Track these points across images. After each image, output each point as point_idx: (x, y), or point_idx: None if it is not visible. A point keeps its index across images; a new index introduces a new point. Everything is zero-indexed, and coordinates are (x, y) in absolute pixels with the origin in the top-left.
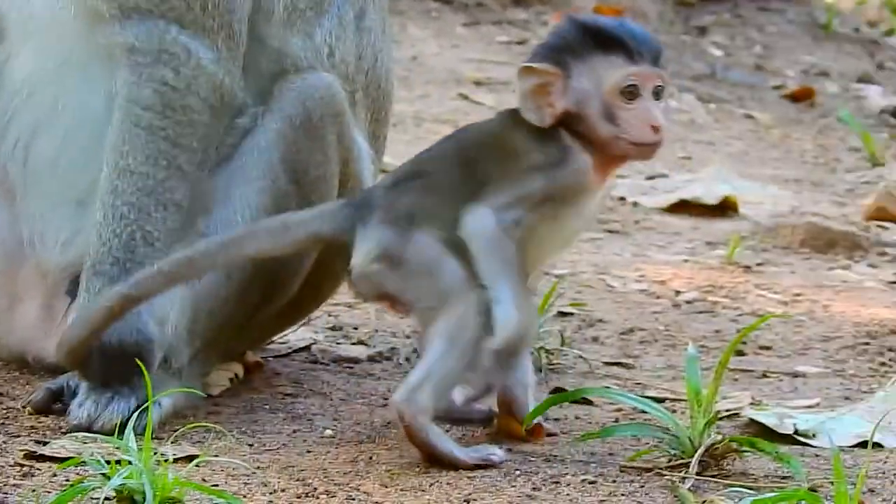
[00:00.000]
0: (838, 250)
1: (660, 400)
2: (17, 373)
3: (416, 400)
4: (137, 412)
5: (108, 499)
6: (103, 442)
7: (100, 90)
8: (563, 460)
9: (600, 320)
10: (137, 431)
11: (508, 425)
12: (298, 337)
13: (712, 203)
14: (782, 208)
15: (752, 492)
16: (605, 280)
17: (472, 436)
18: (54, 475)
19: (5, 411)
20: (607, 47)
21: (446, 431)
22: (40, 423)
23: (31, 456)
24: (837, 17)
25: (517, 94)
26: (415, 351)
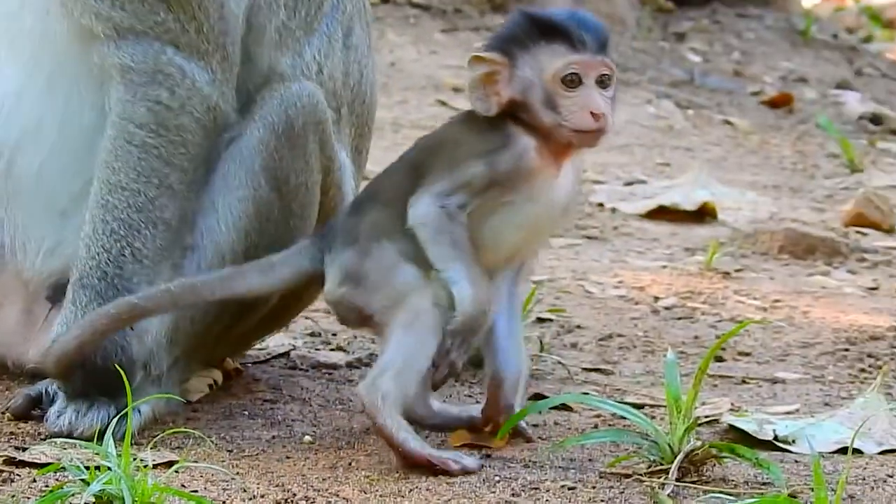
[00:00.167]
0: (817, 256)
1: (639, 406)
2: None
3: (377, 385)
4: (117, 418)
5: None
6: (83, 448)
7: (88, 105)
8: (542, 466)
9: (579, 326)
10: (117, 437)
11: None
12: (277, 343)
13: (691, 209)
14: (761, 214)
15: (731, 498)
16: (584, 286)
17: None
18: (34, 481)
19: None
20: (550, 36)
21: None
22: (19, 429)
23: (11, 462)
24: (816, 23)
25: (467, 83)
26: None
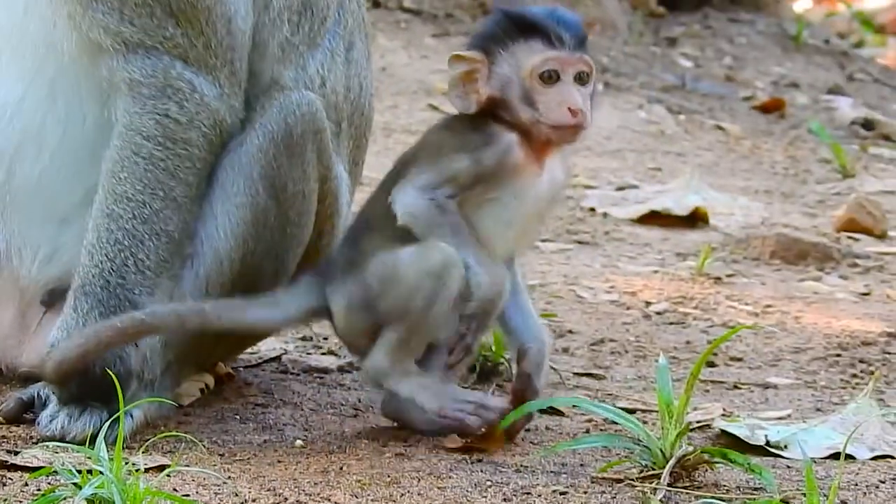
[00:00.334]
0: (809, 262)
1: (631, 411)
2: None
3: (374, 359)
4: (109, 422)
5: None
6: (75, 452)
7: (90, 115)
8: (534, 471)
9: (570, 331)
10: (109, 441)
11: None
12: (269, 347)
13: (683, 214)
14: (753, 219)
15: (723, 503)
16: (576, 291)
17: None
18: (26, 485)
19: None
20: (528, 33)
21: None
22: (11, 432)
23: (3, 465)
24: (807, 28)
25: (447, 82)
26: None
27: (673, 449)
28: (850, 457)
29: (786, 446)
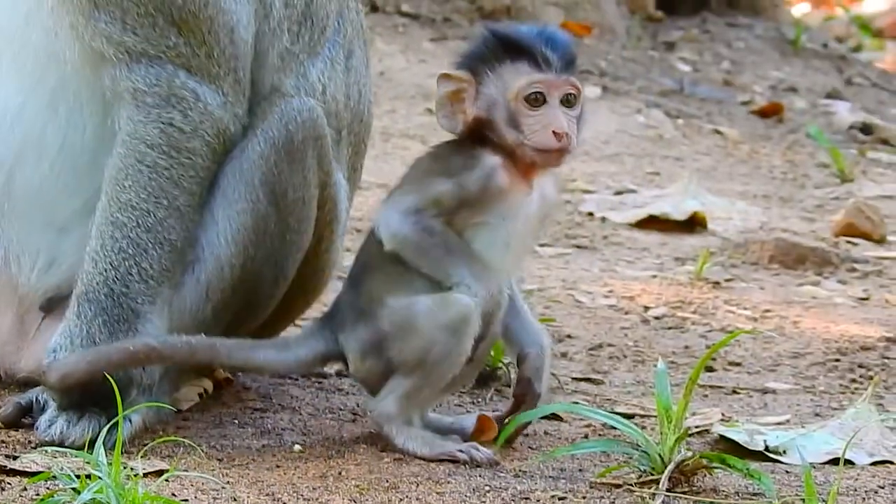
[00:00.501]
0: (808, 266)
1: (629, 416)
2: None
3: (383, 406)
4: (107, 427)
5: None
6: (73, 456)
7: (91, 123)
8: (532, 476)
9: (569, 336)
10: (107, 446)
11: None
12: None
13: (681, 219)
14: (751, 224)
15: None
16: (574, 295)
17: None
18: (24, 489)
19: None
20: (515, 55)
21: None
22: (10, 437)
23: (1, 470)
24: (805, 32)
25: (435, 101)
26: None
27: (671, 454)
28: (849, 462)
29: (785, 451)
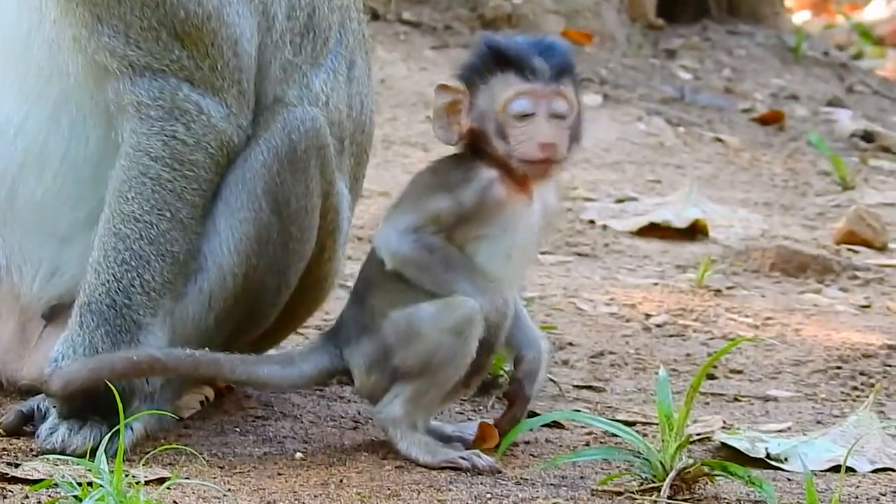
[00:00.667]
0: (809, 274)
1: (631, 423)
2: None
3: (388, 410)
4: (109, 435)
5: None
6: (75, 464)
7: (93, 135)
8: (533, 483)
9: (570, 343)
10: (109, 454)
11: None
12: None
13: (682, 226)
14: (752, 232)
15: None
16: (575, 303)
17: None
18: (26, 497)
19: None
20: (504, 66)
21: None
22: (12, 444)
23: (3, 478)
24: (806, 40)
25: (432, 112)
26: None
27: (673, 461)
28: (850, 469)
29: (786, 459)
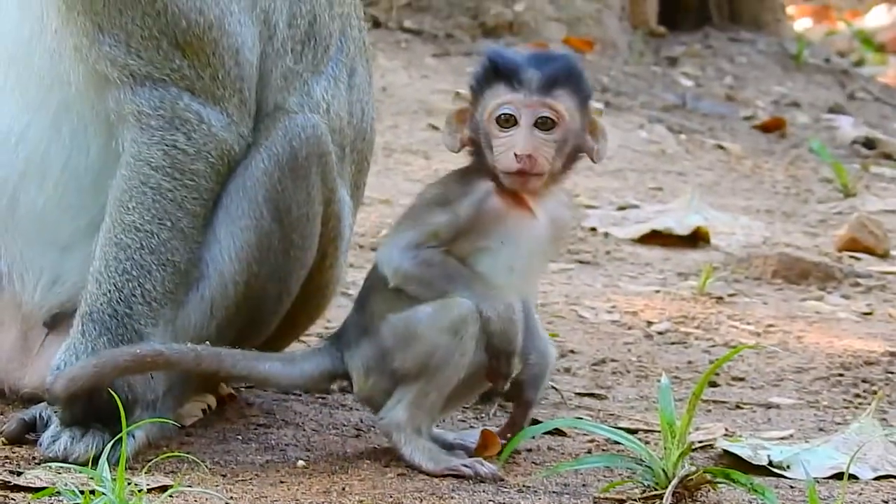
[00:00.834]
0: (811, 281)
1: (633, 431)
2: None
3: (392, 415)
4: (111, 443)
5: None
6: (77, 472)
7: (94, 143)
8: (536, 491)
9: (572, 351)
10: (111, 462)
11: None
12: None
13: (684, 234)
14: (754, 239)
15: None
16: (577, 311)
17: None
18: None
19: None
20: (496, 77)
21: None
22: (14, 452)
23: (6, 486)
24: (808, 47)
25: (445, 119)
26: None
27: (675, 469)
28: (853, 477)
29: (788, 466)
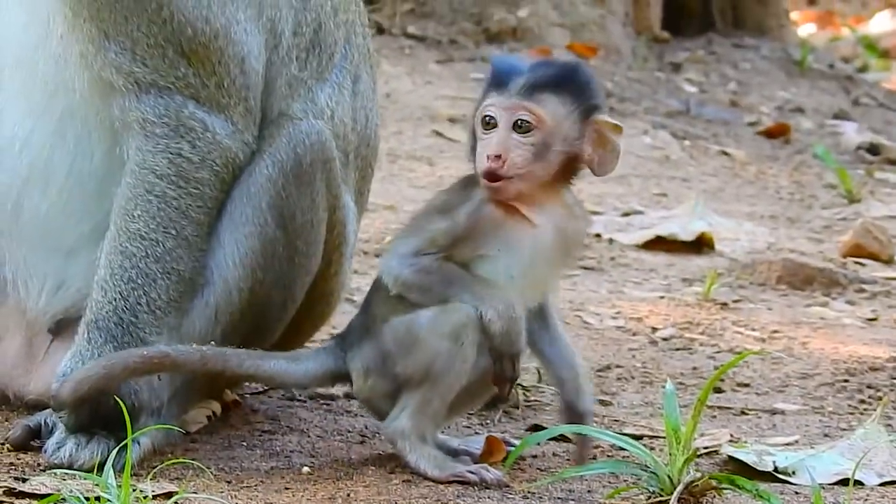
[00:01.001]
0: (816, 287)
1: (638, 437)
2: None
3: (396, 423)
4: (116, 450)
5: None
6: (83, 479)
7: (98, 149)
8: (541, 497)
9: None
10: (117, 469)
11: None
12: None
13: (688, 239)
14: (759, 245)
15: None
16: (582, 317)
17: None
18: None
19: None
20: (489, 82)
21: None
22: (19, 459)
23: (11, 493)
24: (812, 53)
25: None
26: None
27: (680, 475)
28: (858, 483)
29: (794, 472)
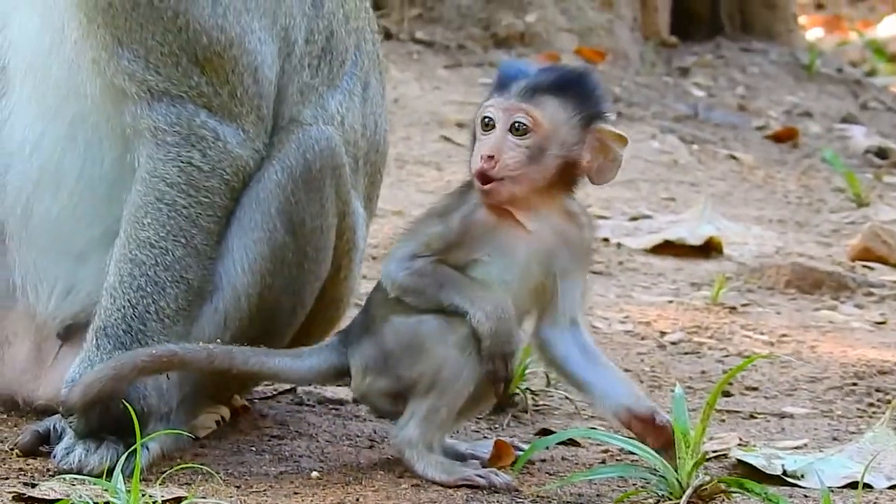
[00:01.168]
0: (824, 291)
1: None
2: (4, 415)
3: (404, 432)
4: (125, 455)
5: None
6: (92, 484)
7: (109, 155)
8: (550, 501)
9: None
10: (126, 474)
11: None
12: None
13: (696, 244)
14: (767, 249)
15: None
16: (590, 321)
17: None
18: None
19: None
20: (492, 83)
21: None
22: (28, 464)
23: (20, 498)
24: (820, 57)
25: None
26: None
27: (689, 479)
28: (867, 486)
29: (802, 476)
